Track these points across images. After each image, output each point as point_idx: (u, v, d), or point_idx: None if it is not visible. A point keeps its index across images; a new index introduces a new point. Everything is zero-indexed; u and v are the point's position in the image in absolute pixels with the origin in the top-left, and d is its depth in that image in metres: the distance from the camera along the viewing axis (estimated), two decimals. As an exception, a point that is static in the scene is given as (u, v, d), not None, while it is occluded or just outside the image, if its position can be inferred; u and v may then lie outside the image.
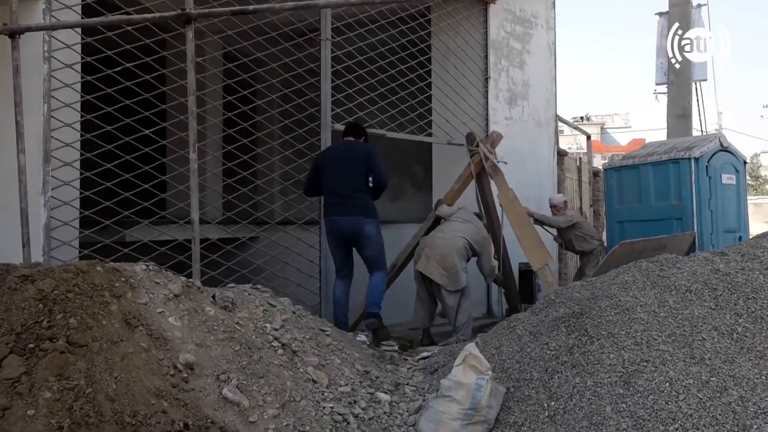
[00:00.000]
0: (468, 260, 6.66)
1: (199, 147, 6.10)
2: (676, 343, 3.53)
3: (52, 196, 5.20)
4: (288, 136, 6.93)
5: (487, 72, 8.98)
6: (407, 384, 4.04)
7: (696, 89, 12.04)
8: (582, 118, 55.61)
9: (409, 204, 11.36)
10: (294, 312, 3.89)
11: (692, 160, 7.48)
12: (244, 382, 2.85)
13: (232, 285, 3.83)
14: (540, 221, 7.92)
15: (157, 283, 3.08)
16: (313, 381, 3.17)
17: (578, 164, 11.85)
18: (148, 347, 2.68)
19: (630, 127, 59.74)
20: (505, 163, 7.46)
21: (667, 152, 7.79)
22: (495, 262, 6.81)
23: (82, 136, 5.38)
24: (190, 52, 4.57)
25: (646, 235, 7.26)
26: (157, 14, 4.55)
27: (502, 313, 8.26)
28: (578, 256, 8.61)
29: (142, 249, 5.53)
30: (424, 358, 5.00)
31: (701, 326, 3.66)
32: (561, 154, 10.43)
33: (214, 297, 3.24)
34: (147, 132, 5.45)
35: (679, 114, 9.22)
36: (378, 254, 5.64)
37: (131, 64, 5.45)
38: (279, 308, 3.60)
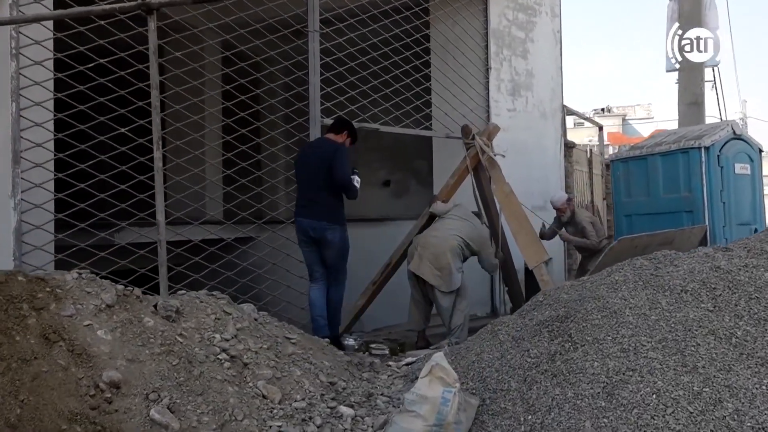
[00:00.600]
0: (464, 260, 6.37)
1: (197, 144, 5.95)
2: (667, 350, 3.21)
3: (22, 199, 5.02)
4: (275, 131, 6.68)
5: (488, 62, 8.64)
6: (381, 394, 3.77)
7: (714, 75, 11.54)
8: (603, 109, 54.72)
9: (413, 200, 11.08)
10: (256, 319, 3.64)
11: (702, 150, 7.09)
12: (178, 401, 2.61)
13: (183, 291, 3.59)
14: (583, 247, 7.46)
15: (89, 292, 2.85)
16: (263, 396, 2.92)
17: (589, 156, 11.45)
18: (67, 365, 2.46)
19: (652, 118, 58.66)
20: (503, 156, 7.12)
21: (676, 141, 7.40)
22: (496, 261, 6.50)
23: (55, 135, 5.20)
24: (152, 44, 4.35)
25: (654, 229, 6.89)
26: (117, 5, 4.32)
27: (506, 312, 7.95)
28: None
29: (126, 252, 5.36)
30: (408, 364, 4.73)
31: (696, 330, 3.33)
32: (569, 146, 10.06)
33: (156, 306, 3.01)
34: (123, 130, 5.25)
35: (691, 102, 8.79)
36: (337, 264, 5.36)
37: (105, 60, 5.26)
38: (235, 316, 3.35)
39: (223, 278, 5.81)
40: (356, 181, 5.49)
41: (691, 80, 8.69)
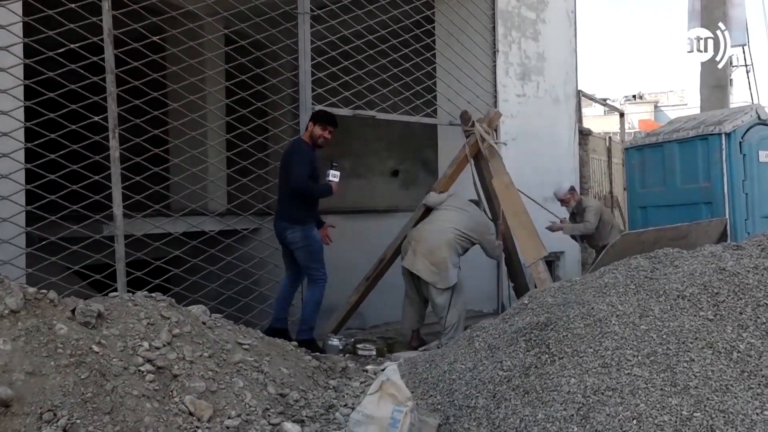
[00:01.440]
0: (462, 253, 5.97)
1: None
2: (655, 366, 2.80)
3: (-10, 191, 4.77)
4: (262, 120, 6.34)
5: (495, 45, 8.17)
6: (345, 405, 3.42)
7: (745, 56, 10.81)
8: (635, 96, 53.32)
9: (422, 191, 10.66)
10: (204, 323, 3.32)
11: (723, 136, 6.54)
12: (78, 421, 2.31)
13: (115, 294, 3.28)
14: (573, 234, 7.01)
15: (-12, 297, 2.57)
16: (189, 413, 2.61)
17: (608, 144, 10.89)
18: (-54, 381, 2.18)
19: (686, 104, 56.93)
20: (504, 144, 6.69)
21: (695, 127, 6.86)
22: (500, 243, 6.09)
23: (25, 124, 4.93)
24: (106, 26, 4.04)
25: (671, 222, 6.40)
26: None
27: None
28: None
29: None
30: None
31: (691, 343, 2.91)
32: (584, 134, 9.53)
33: (74, 311, 2.71)
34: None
35: (714, 85, 8.20)
36: (306, 263, 5.14)
37: (76, 45, 4.97)
38: (175, 320, 3.04)
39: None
40: (331, 176, 5.19)
41: (713, 62, 8.10)
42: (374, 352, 5.44)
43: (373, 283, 6.49)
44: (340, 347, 5.40)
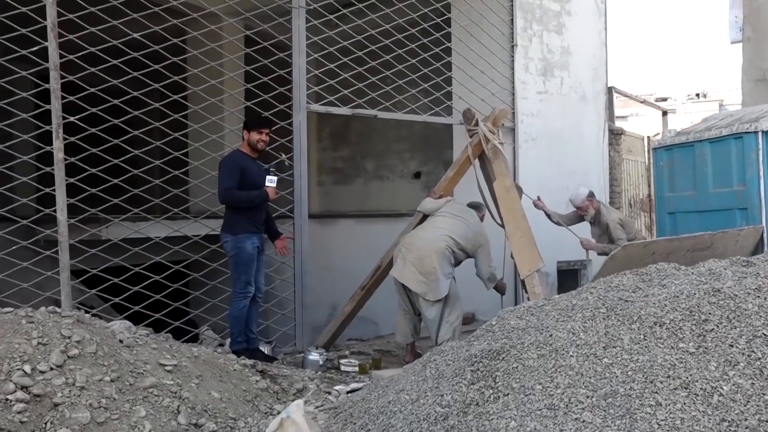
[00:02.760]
0: (456, 264, 5.51)
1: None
2: (612, 410, 2.30)
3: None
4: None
5: (513, 38, 7.66)
6: (279, 436, 3.05)
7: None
8: (698, 95, 50.95)
9: (444, 193, 10.21)
10: (122, 341, 3.01)
11: (760, 134, 5.84)
12: None
13: (8, 310, 3.00)
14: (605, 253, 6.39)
15: None
16: (58, 451, 2.30)
17: (647, 145, 10.16)
18: None
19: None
20: (510, 144, 6.18)
21: (729, 125, 6.18)
22: (495, 265, 5.57)
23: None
24: (50, 19, 3.80)
25: (702, 230, 5.76)
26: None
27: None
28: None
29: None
30: (352, 391, 3.99)
31: (661, 382, 2.40)
32: (616, 133, 8.87)
33: (-58, 330, 2.44)
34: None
35: (758, 78, 7.42)
36: (232, 275, 5.03)
37: (61, 39, 4.78)
38: (76, 339, 2.74)
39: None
40: (269, 181, 5.04)
41: (757, 52, 7.32)
42: (357, 368, 5.05)
43: (368, 292, 6.11)
44: (320, 362, 5.04)
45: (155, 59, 5.23)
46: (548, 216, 6.52)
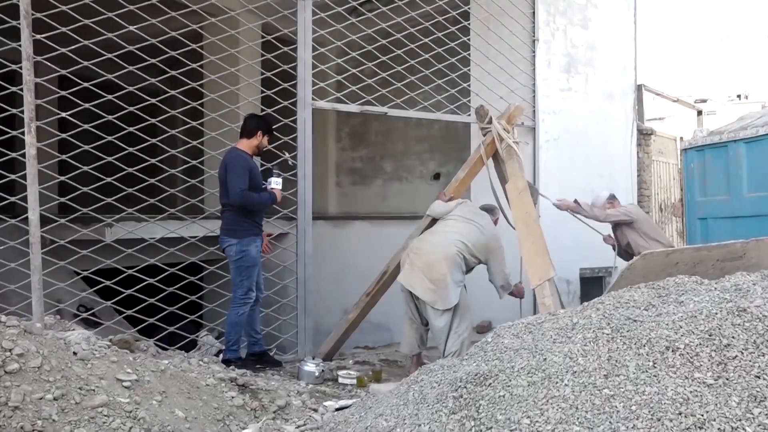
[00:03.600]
0: (467, 271, 5.16)
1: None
2: (609, 453, 1.95)
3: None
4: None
5: (534, 33, 7.26)
6: (248, 461, 2.76)
7: None
8: (739, 96, 49.35)
9: (465, 195, 9.84)
10: (75, 354, 2.75)
11: (801, 134, 5.38)
12: None
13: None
14: (580, 213, 5.94)
15: None
16: (-26, 482, 2.05)
17: (680, 146, 9.62)
18: None
19: (799, 104, 52.18)
20: (527, 143, 5.80)
21: (766, 124, 5.71)
22: (510, 272, 5.19)
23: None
24: (23, 5, 3.58)
25: (735, 237, 5.31)
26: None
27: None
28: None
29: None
30: (341, 409, 3.67)
31: (671, 420, 2.03)
32: (645, 133, 8.39)
33: None
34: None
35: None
36: (233, 280, 4.84)
37: (43, 35, 4.59)
38: (18, 353, 2.48)
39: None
40: (273, 183, 4.93)
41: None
42: (355, 381, 4.74)
43: (374, 299, 5.79)
44: (316, 374, 4.74)
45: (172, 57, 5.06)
46: (577, 214, 6.04)
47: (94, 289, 5.48)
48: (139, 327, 5.17)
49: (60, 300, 5.41)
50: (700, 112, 10.84)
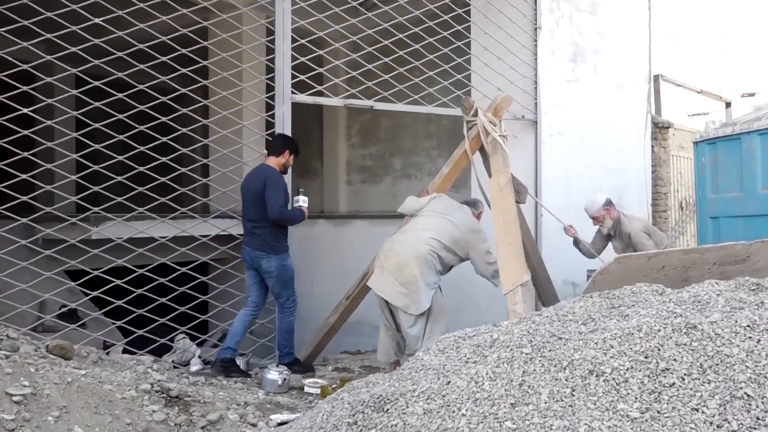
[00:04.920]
0: (445, 270, 4.82)
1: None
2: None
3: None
4: (227, 111, 5.54)
5: (537, 20, 6.84)
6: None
7: None
8: (752, 95, 47.22)
9: (475, 192, 9.43)
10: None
11: (820, 124, 4.86)
12: None
13: None
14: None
15: None
16: None
17: (704, 140, 9.02)
18: None
19: None
20: (515, 137, 5.41)
21: (782, 114, 5.19)
22: (494, 261, 4.76)
23: None
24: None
25: (750, 238, 4.84)
26: None
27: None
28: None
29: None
30: (281, 424, 3.39)
31: (576, 463, 1.67)
32: (662, 126, 7.86)
33: None
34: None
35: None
36: (279, 292, 5.08)
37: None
38: None
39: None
40: (301, 201, 5.07)
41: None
42: (319, 389, 4.45)
43: (354, 302, 5.49)
44: (279, 382, 4.46)
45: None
46: (575, 243, 5.68)
47: (77, 282, 5.35)
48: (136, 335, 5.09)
49: (43, 300, 5.30)
50: (728, 104, 10.17)
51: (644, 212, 7.45)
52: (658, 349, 1.98)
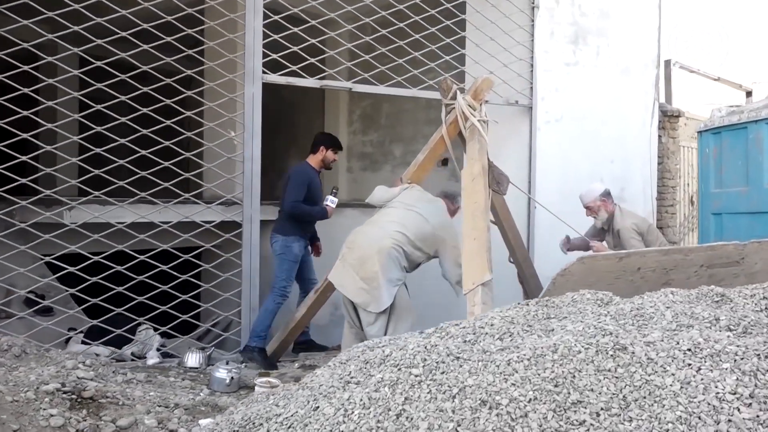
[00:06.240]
0: (412, 267, 4.47)
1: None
2: None
3: None
4: (192, 91, 5.21)
5: (533, -1, 6.39)
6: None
7: None
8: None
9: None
10: None
11: (834, 112, 4.37)
12: None
13: None
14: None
15: None
16: None
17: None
18: None
19: None
20: (496, 122, 5.00)
21: (793, 101, 4.70)
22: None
23: None
24: None
25: (753, 236, 4.39)
26: None
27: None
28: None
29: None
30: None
31: None
32: (671, 115, 7.36)
33: None
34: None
35: None
36: (276, 273, 5.23)
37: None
38: None
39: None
40: (329, 201, 5.25)
41: None
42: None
43: (323, 296, 5.16)
44: (227, 381, 4.16)
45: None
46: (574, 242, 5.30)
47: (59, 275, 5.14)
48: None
49: (13, 285, 5.07)
50: (749, 93, 9.56)
51: (648, 206, 6.99)
52: (573, 376, 1.60)
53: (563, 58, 6.55)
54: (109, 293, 4.80)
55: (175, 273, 5.15)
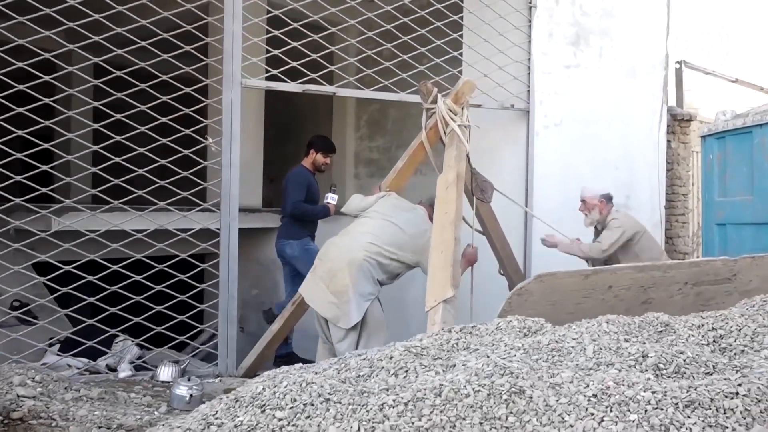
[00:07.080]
0: (390, 278, 4.25)
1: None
2: None
3: None
4: (168, 96, 5.06)
5: (530, -1, 6.12)
6: None
7: None
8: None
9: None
10: None
11: (844, 116, 4.01)
12: None
13: None
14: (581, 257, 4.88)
15: None
16: None
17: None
18: None
19: None
20: (477, 127, 4.75)
21: (800, 103, 4.35)
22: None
23: None
24: None
25: (758, 248, 4.09)
26: None
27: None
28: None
29: None
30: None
31: None
32: (681, 119, 6.99)
33: None
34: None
35: None
36: (304, 273, 5.07)
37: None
38: None
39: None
40: (329, 199, 5.42)
41: None
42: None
43: (300, 308, 4.96)
44: (187, 398, 3.98)
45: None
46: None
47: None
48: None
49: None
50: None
51: (656, 215, 6.63)
52: (453, 426, 1.36)
53: (563, 60, 6.25)
54: (85, 303, 4.69)
55: (166, 282, 5.02)
